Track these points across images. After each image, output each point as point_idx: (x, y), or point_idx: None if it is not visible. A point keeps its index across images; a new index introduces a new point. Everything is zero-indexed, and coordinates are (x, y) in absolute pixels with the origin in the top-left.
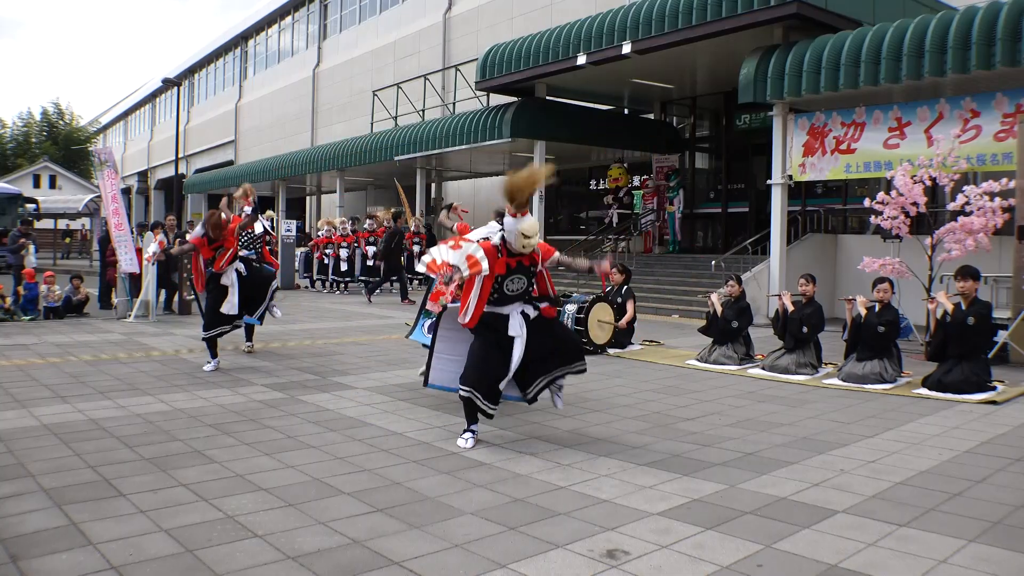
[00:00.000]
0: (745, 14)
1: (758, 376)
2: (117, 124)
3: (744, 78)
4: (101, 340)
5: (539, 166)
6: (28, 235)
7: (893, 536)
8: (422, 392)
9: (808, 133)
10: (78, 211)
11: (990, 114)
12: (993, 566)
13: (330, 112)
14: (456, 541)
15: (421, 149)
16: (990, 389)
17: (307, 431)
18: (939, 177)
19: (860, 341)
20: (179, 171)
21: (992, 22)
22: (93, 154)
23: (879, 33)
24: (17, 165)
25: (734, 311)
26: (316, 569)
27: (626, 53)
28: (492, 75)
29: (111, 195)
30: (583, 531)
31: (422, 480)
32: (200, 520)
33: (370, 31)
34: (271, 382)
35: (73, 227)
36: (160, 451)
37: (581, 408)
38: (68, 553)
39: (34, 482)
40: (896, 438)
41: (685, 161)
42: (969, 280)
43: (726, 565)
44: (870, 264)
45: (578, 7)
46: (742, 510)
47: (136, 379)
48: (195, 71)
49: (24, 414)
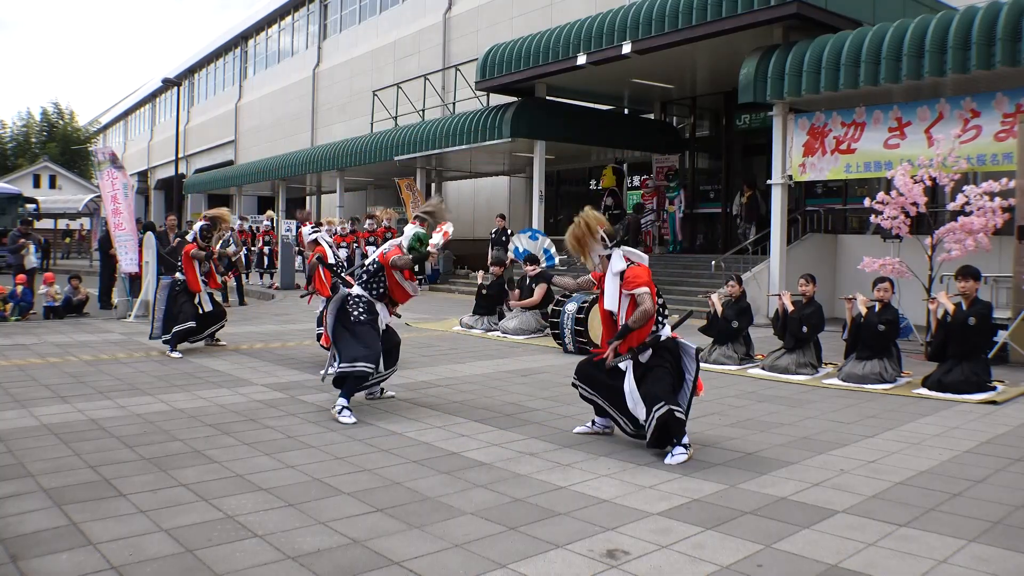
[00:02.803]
0: (745, 14)
1: (758, 376)
2: (117, 124)
3: (744, 78)
4: (101, 340)
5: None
6: (28, 235)
7: (893, 536)
8: (422, 392)
9: (808, 133)
10: (78, 211)
11: (990, 114)
12: (993, 566)
13: (330, 112)
14: (456, 541)
15: (421, 149)
16: (990, 389)
17: (307, 431)
18: (939, 177)
19: (860, 341)
20: (179, 171)
21: (992, 22)
22: (93, 154)
23: (879, 33)
24: (17, 165)
25: (735, 311)
26: (316, 569)
27: (626, 53)
28: (492, 75)
29: (111, 195)
30: (583, 531)
31: (422, 480)
32: (200, 520)
33: (370, 31)
34: (271, 382)
35: (72, 227)
36: (160, 451)
37: (581, 408)
38: (68, 553)
39: (34, 482)
40: (896, 438)
41: (685, 161)
42: (970, 280)
43: (726, 565)
44: (870, 264)
45: (578, 7)
46: (742, 510)
47: (136, 379)
48: (195, 71)
49: (24, 414)
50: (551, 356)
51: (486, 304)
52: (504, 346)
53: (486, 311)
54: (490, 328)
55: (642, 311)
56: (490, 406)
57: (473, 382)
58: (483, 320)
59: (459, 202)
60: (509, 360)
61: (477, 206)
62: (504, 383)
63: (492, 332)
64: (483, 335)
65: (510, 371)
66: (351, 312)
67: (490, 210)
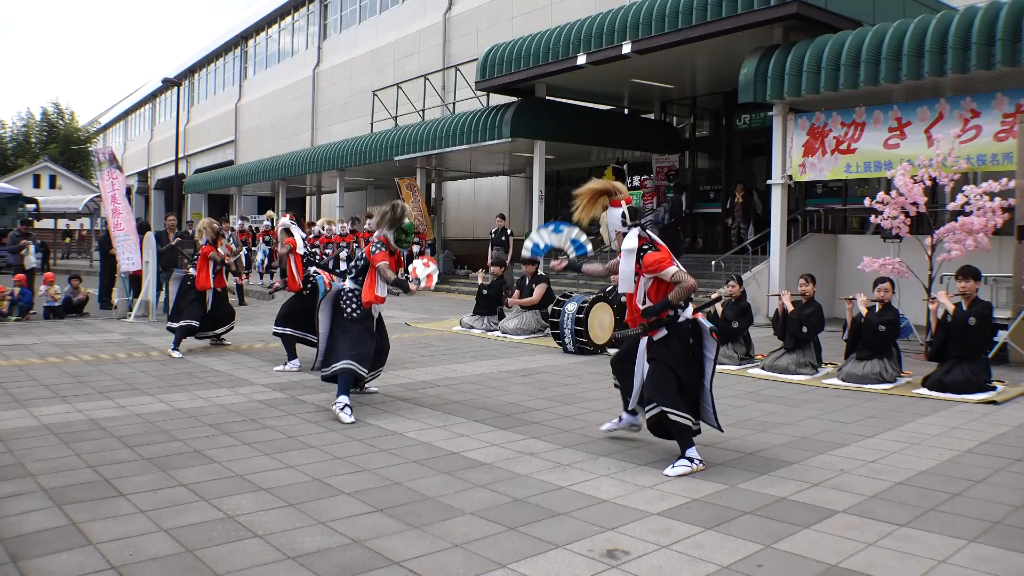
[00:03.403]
0: (745, 14)
1: (758, 376)
2: (117, 124)
3: (744, 78)
4: (101, 340)
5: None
6: (28, 235)
7: (893, 536)
8: (422, 392)
9: (808, 133)
10: (78, 211)
11: (990, 114)
12: (993, 566)
13: (330, 112)
14: (456, 541)
15: (421, 149)
16: (990, 389)
17: (307, 431)
18: (939, 177)
19: (860, 341)
20: (179, 171)
21: (992, 22)
22: (93, 154)
23: (879, 33)
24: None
25: (735, 311)
26: (316, 569)
27: (626, 53)
28: (492, 75)
29: (111, 195)
30: (583, 531)
31: (422, 480)
32: (200, 520)
33: (370, 31)
34: (271, 382)
35: (73, 227)
36: (160, 451)
37: (581, 408)
38: (68, 553)
39: (34, 482)
40: (896, 438)
41: (685, 161)
42: (970, 280)
43: (726, 565)
44: (870, 264)
45: (578, 7)
46: (742, 510)
47: (136, 379)
48: (195, 71)
49: (24, 414)
50: (551, 356)
51: (486, 304)
52: (504, 346)
53: (486, 311)
54: (490, 328)
55: (681, 288)
56: (490, 406)
57: (473, 382)
58: (483, 320)
59: (459, 202)
60: (509, 360)
61: (477, 206)
62: (504, 383)
63: (492, 332)
64: (483, 335)
65: (510, 371)
66: (344, 309)
67: (490, 210)
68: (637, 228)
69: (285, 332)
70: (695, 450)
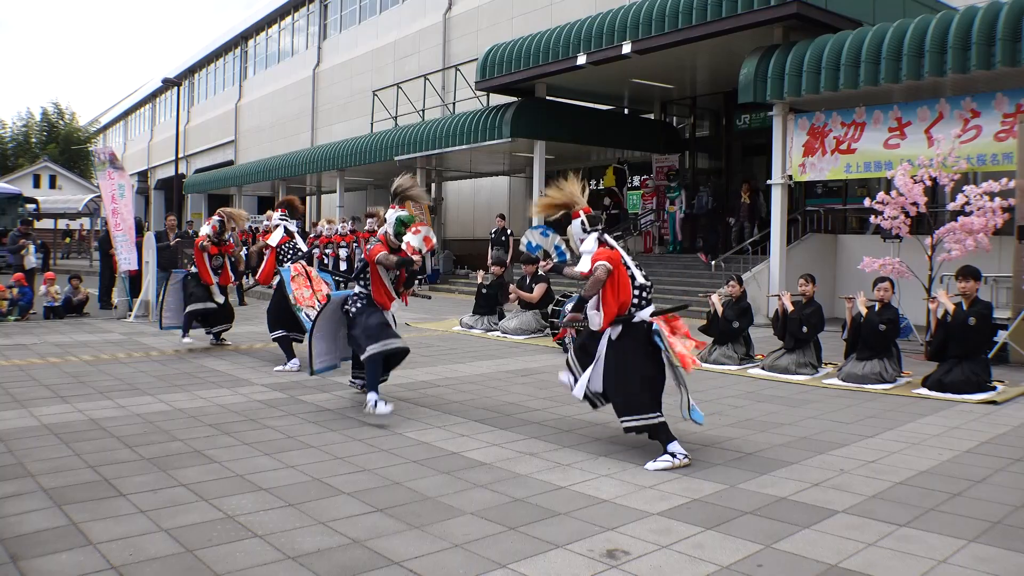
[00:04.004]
0: (745, 14)
1: (758, 376)
2: (117, 124)
3: (744, 78)
4: (101, 340)
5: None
6: (28, 235)
7: (893, 536)
8: (422, 392)
9: (808, 133)
10: (78, 211)
11: (990, 114)
12: (993, 566)
13: (330, 112)
14: (456, 541)
15: (421, 149)
16: (990, 389)
17: (307, 431)
18: (939, 177)
19: (860, 341)
20: (179, 171)
21: (992, 22)
22: (93, 154)
23: (879, 33)
24: (17, 165)
25: (735, 311)
26: (316, 569)
27: (626, 53)
28: (492, 75)
29: (111, 195)
30: (583, 531)
31: (422, 480)
32: (200, 520)
33: (370, 31)
34: (271, 382)
35: (73, 227)
36: (160, 451)
37: (581, 408)
38: (68, 553)
39: (34, 482)
40: (896, 438)
41: (685, 161)
42: (970, 280)
43: (726, 565)
44: (870, 264)
45: (578, 7)
46: (742, 510)
47: (136, 379)
48: (195, 71)
49: (24, 414)
50: (551, 356)
51: (486, 304)
52: (504, 346)
53: (486, 311)
54: (490, 328)
55: (592, 280)
56: (490, 406)
57: (473, 382)
58: (483, 320)
59: (459, 202)
60: (509, 360)
61: (477, 206)
62: (504, 383)
63: (492, 332)
64: (483, 335)
65: (510, 371)
66: (348, 310)
67: (490, 210)
68: (595, 232)
69: (279, 335)
70: (677, 444)
